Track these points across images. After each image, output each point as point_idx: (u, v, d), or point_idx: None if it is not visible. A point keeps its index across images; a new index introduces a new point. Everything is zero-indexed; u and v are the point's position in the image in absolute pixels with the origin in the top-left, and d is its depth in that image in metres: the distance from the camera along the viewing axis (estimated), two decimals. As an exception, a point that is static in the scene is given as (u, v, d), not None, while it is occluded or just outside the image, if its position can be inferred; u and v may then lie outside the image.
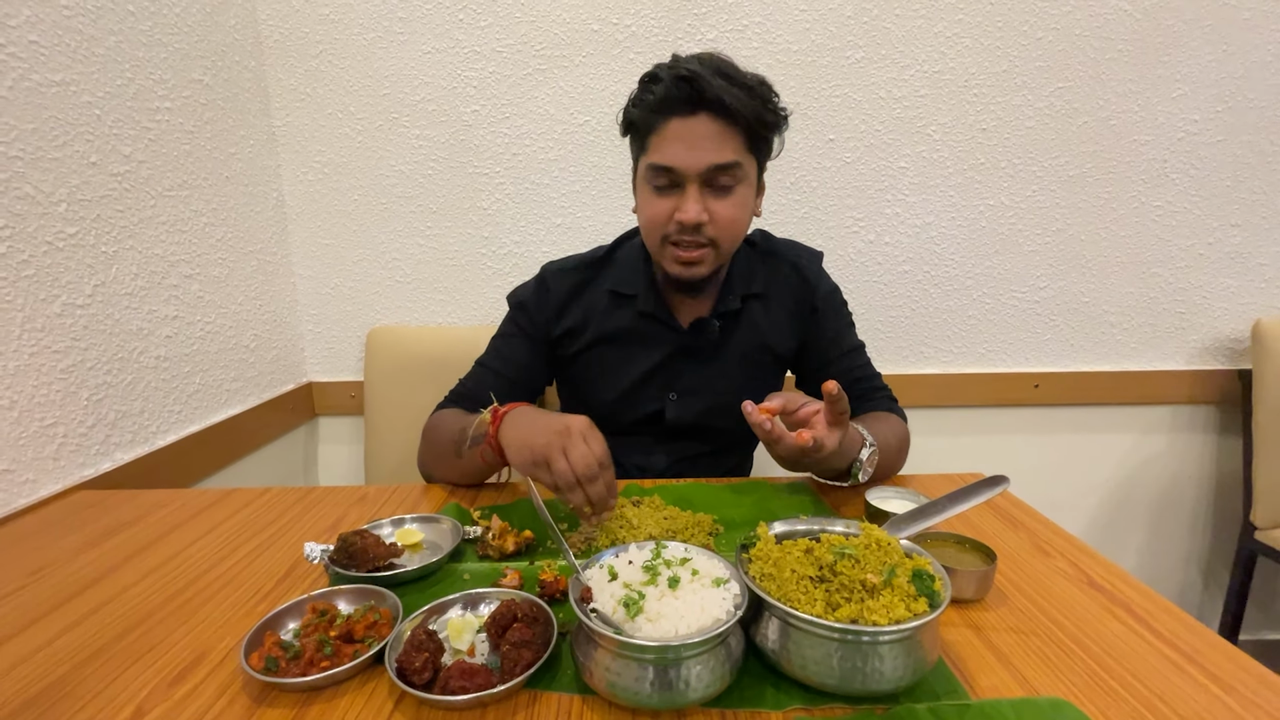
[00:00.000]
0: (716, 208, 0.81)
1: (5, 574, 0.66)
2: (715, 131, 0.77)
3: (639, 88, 0.82)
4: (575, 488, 0.65)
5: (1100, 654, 0.53)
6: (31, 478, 0.84)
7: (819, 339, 0.98)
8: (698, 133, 0.77)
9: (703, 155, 0.78)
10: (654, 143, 0.80)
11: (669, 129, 0.78)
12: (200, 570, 0.66)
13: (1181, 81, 1.37)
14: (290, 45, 1.32)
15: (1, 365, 0.80)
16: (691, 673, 0.45)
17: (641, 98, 0.81)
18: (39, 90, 0.85)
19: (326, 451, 1.54)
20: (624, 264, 0.96)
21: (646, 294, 0.93)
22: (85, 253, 0.92)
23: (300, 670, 0.49)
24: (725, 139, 0.78)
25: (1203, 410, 1.56)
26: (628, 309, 0.94)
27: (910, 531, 0.60)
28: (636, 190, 0.88)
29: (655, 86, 0.78)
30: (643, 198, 0.85)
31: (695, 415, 0.96)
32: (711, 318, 0.93)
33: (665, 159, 0.79)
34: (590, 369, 0.97)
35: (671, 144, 0.78)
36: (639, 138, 0.84)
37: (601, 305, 0.95)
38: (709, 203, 0.80)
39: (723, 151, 0.78)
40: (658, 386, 0.96)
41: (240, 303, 1.25)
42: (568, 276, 0.97)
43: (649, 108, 0.79)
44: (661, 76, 0.78)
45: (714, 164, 0.78)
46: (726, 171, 0.79)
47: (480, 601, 0.57)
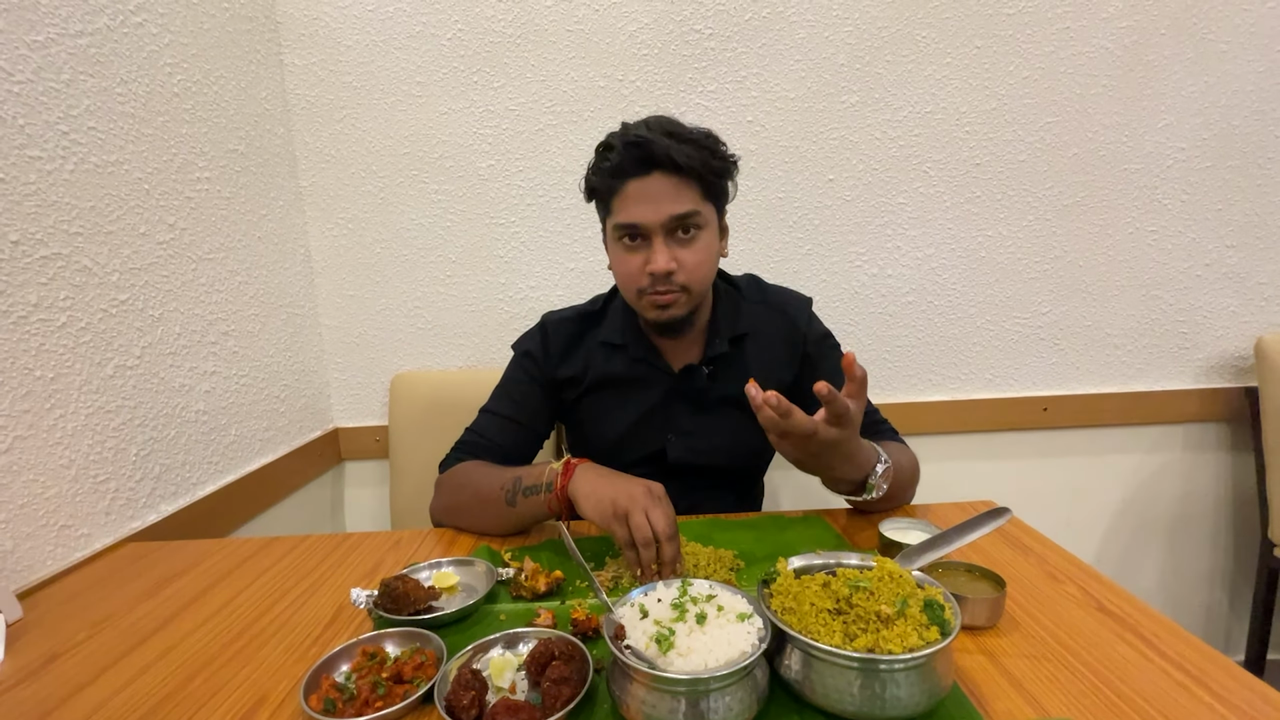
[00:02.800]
0: (683, 255, 0.86)
1: (73, 624, 0.70)
2: (670, 186, 0.83)
3: (596, 157, 0.88)
4: (651, 545, 0.70)
5: (1111, 678, 0.56)
6: (87, 531, 0.89)
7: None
8: (654, 190, 0.84)
9: (662, 208, 0.84)
10: (617, 204, 0.87)
11: (628, 190, 0.85)
12: (253, 617, 0.70)
13: (1166, 112, 1.43)
14: (316, 111, 1.40)
15: (62, 427, 0.86)
16: (721, 703, 0.48)
17: (599, 166, 0.87)
18: (96, 171, 0.92)
19: (353, 495, 1.58)
20: (614, 316, 1.02)
21: (635, 343, 0.98)
22: (135, 317, 0.98)
23: (356, 710, 0.52)
24: (681, 191, 0.84)
25: (1213, 428, 1.58)
26: (621, 356, 0.99)
27: (922, 562, 0.63)
28: (608, 250, 0.94)
29: (610, 154, 0.85)
30: (615, 256, 0.91)
31: (696, 455, 0.99)
32: (701, 364, 0.98)
33: (629, 217, 0.85)
34: (592, 411, 1.02)
35: (633, 203, 0.85)
36: (603, 202, 0.90)
37: (598, 355, 1.01)
38: (675, 252, 0.86)
39: (680, 202, 0.84)
40: (656, 428, 1.00)
41: (271, 355, 1.31)
42: (566, 326, 1.02)
43: (608, 174, 0.86)
44: (614, 144, 0.85)
45: (673, 215, 0.84)
46: (686, 220, 0.85)
47: (518, 641, 0.61)
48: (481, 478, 0.90)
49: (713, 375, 0.98)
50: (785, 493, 1.56)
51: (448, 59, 1.38)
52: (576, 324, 1.03)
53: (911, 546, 0.64)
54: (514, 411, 1.00)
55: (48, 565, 0.83)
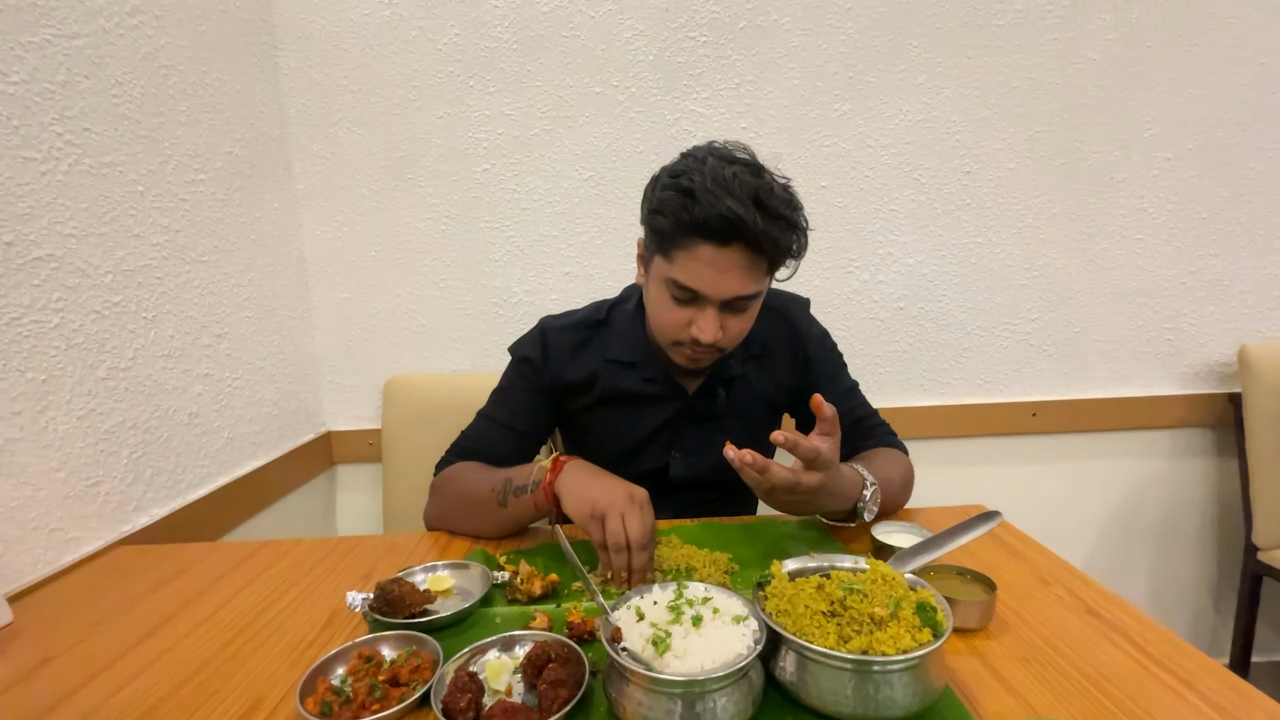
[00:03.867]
0: (730, 323, 0.83)
1: (65, 628, 0.70)
2: (745, 263, 0.77)
3: (670, 193, 0.77)
4: (623, 551, 0.70)
5: (1099, 679, 0.57)
6: (77, 535, 0.88)
7: (815, 387, 0.98)
8: (729, 263, 0.77)
9: (730, 285, 0.78)
10: (680, 258, 0.79)
11: (700, 253, 0.77)
12: (246, 621, 0.70)
13: (1153, 122, 1.46)
14: (312, 114, 1.40)
15: (54, 429, 0.85)
16: (717, 705, 0.49)
17: (673, 210, 0.77)
18: (91, 172, 0.92)
19: (345, 499, 1.57)
20: (622, 331, 0.98)
21: (647, 362, 0.96)
22: (128, 319, 0.98)
23: (353, 714, 0.52)
24: (753, 270, 0.78)
25: (1198, 433, 1.60)
26: (630, 374, 0.97)
27: (914, 565, 0.64)
28: (648, 283, 0.87)
29: (692, 205, 0.75)
30: (658, 300, 0.85)
31: (699, 472, 0.98)
32: (715, 385, 0.96)
33: (692, 282, 0.79)
34: (595, 426, 1.00)
35: (701, 269, 0.77)
36: (661, 242, 0.81)
37: (603, 369, 0.97)
38: (724, 319, 0.82)
39: (748, 284, 0.79)
40: (661, 446, 0.99)
41: (264, 358, 1.31)
42: (567, 334, 0.99)
43: (684, 227, 0.77)
44: (699, 199, 0.74)
45: (739, 295, 0.80)
46: (747, 299, 0.81)
47: (514, 644, 0.61)
48: (473, 480, 0.90)
49: (727, 397, 0.97)
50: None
51: (444, 64, 1.39)
52: (579, 332, 0.99)
53: (904, 550, 0.65)
54: (510, 419, 0.99)
55: (38, 569, 0.82)
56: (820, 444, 0.70)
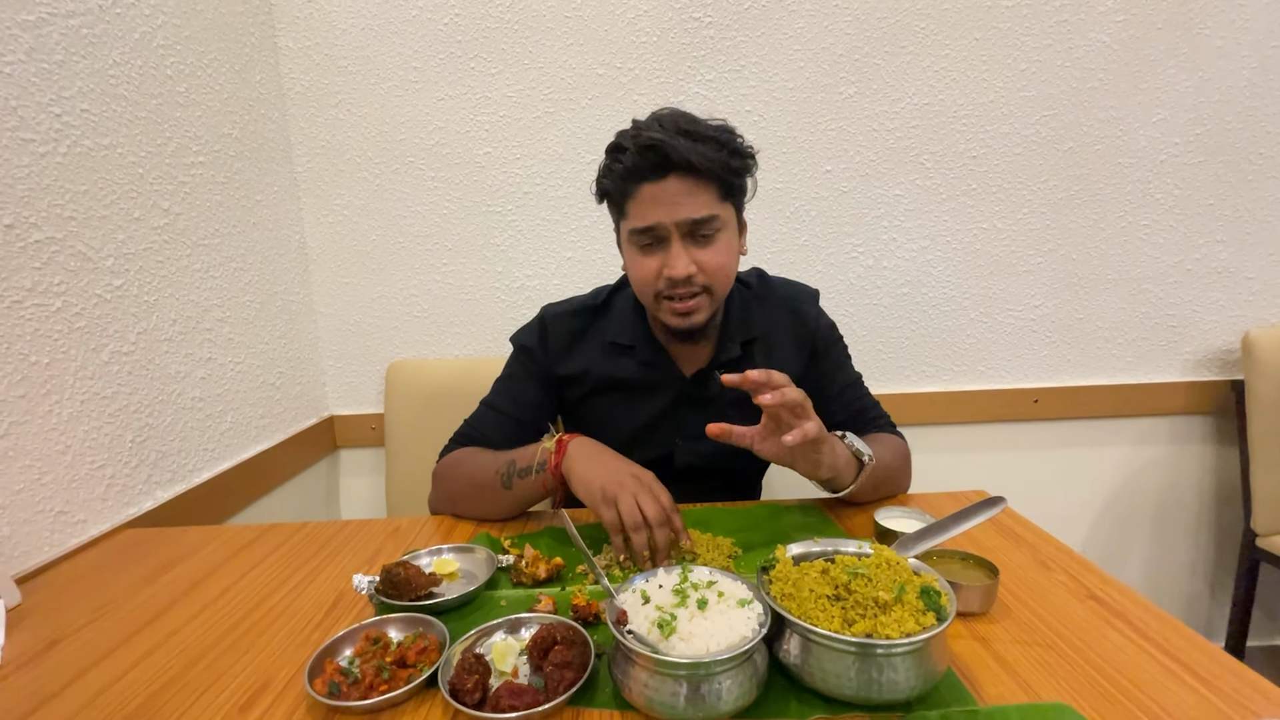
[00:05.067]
0: (702, 256, 0.83)
1: (72, 610, 0.70)
2: (687, 189, 0.80)
3: (607, 158, 0.85)
4: (641, 529, 0.71)
5: (1100, 663, 0.57)
6: (83, 518, 0.89)
7: (820, 378, 1.00)
8: (671, 192, 0.80)
9: (679, 211, 0.80)
10: (631, 208, 0.83)
11: (642, 193, 0.81)
12: (254, 603, 0.70)
13: (1160, 107, 1.44)
14: (311, 97, 1.39)
15: (58, 413, 0.85)
16: (722, 687, 0.49)
17: (610, 168, 0.84)
18: (90, 154, 0.91)
19: (348, 483, 1.58)
20: (620, 315, 0.98)
21: (644, 345, 0.96)
22: (130, 303, 0.97)
23: (361, 694, 0.53)
24: (698, 193, 0.80)
25: (1199, 420, 1.61)
26: (628, 359, 0.96)
27: (917, 550, 0.64)
28: (623, 252, 0.91)
29: (622, 156, 0.81)
30: (630, 259, 0.88)
31: (703, 459, 0.98)
32: (712, 368, 0.95)
33: (644, 220, 0.82)
34: (596, 414, 1.00)
35: (648, 206, 0.81)
36: (615, 205, 0.87)
37: (601, 355, 0.97)
38: (694, 253, 0.83)
39: (697, 206, 0.80)
40: (664, 432, 0.98)
41: (267, 342, 1.31)
42: (566, 321, 0.99)
43: (620, 177, 0.82)
44: (626, 146, 0.80)
45: (691, 219, 0.81)
46: (705, 224, 0.82)
47: (521, 626, 0.62)
48: (476, 464, 0.90)
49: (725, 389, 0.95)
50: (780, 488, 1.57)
51: (444, 44, 1.37)
52: (578, 319, 0.99)
53: (907, 535, 0.65)
54: (512, 408, 0.98)
55: (45, 551, 0.83)
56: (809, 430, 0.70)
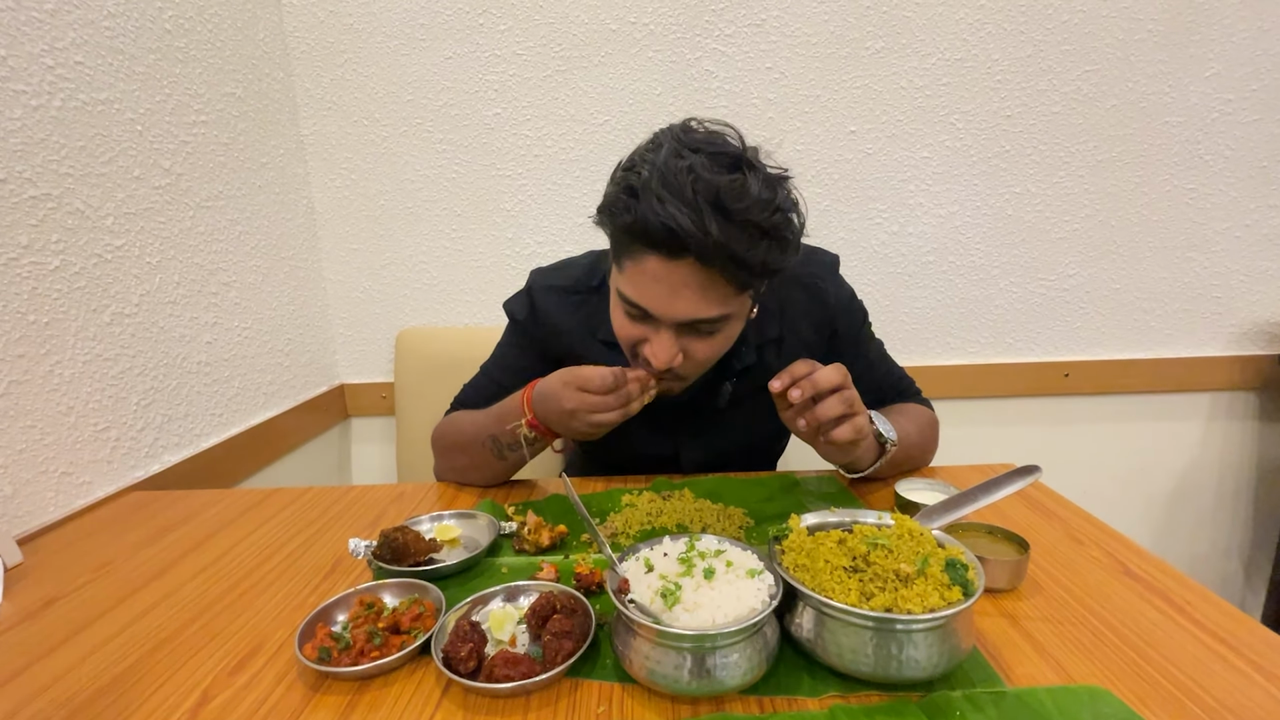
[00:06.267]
0: (694, 347, 0.70)
1: (73, 569, 0.69)
2: (701, 282, 0.63)
3: (615, 192, 0.65)
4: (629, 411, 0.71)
5: (1137, 642, 0.53)
6: (88, 480, 0.88)
7: (841, 355, 0.87)
8: (680, 280, 0.63)
9: (681, 306, 0.65)
10: (628, 268, 0.66)
11: (647, 266, 0.64)
12: (251, 566, 0.69)
13: (1214, 60, 1.34)
14: (316, 55, 1.35)
15: (59, 373, 0.84)
16: (729, 661, 0.46)
17: (615, 212, 0.65)
18: (86, 109, 0.88)
19: (359, 451, 1.58)
20: None
21: None
22: (132, 264, 0.95)
23: (352, 660, 0.51)
24: (711, 289, 0.64)
25: (1242, 396, 1.53)
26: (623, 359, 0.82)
27: (942, 522, 0.60)
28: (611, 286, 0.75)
29: (635, 207, 0.61)
30: (615, 309, 0.73)
31: (710, 455, 0.93)
32: (725, 378, 0.86)
33: (640, 299, 0.66)
34: None
35: (648, 284, 0.65)
36: (613, 247, 0.71)
37: (596, 344, 0.87)
38: (686, 343, 0.69)
39: (706, 306, 0.65)
40: (667, 432, 0.91)
41: (274, 308, 1.29)
42: (555, 298, 0.89)
43: (625, 230, 0.64)
44: (642, 198, 0.61)
45: (695, 318, 0.66)
46: (710, 323, 0.68)
47: (520, 594, 0.59)
48: (462, 434, 0.87)
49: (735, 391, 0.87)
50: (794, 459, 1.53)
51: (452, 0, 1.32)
52: (569, 297, 0.88)
53: (932, 505, 0.61)
54: (504, 377, 0.93)
55: (49, 511, 0.82)
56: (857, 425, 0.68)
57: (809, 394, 0.65)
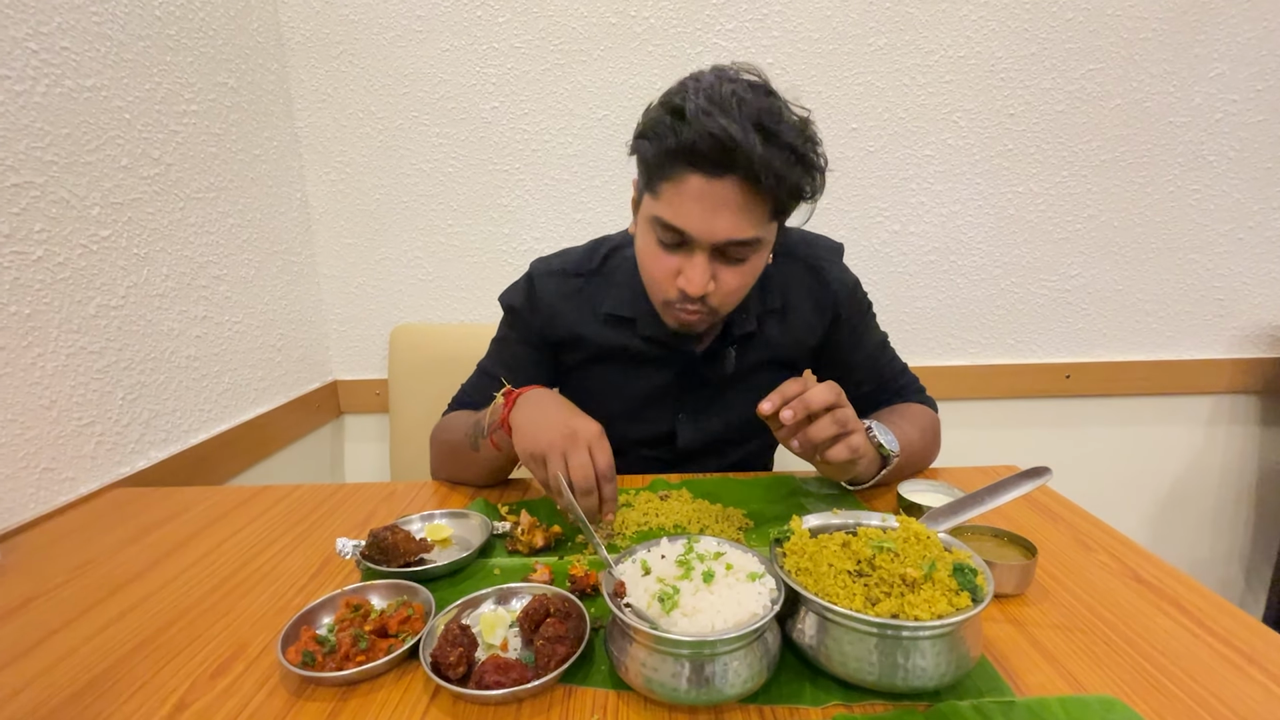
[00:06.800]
0: (724, 276, 0.72)
1: (52, 568, 0.67)
2: (740, 201, 0.65)
3: (658, 115, 0.67)
4: (564, 495, 0.62)
5: (1150, 651, 0.51)
6: (71, 475, 0.86)
7: (843, 343, 0.92)
8: (720, 199, 0.65)
9: (721, 226, 0.67)
10: (666, 192, 0.68)
11: (688, 185, 0.66)
12: (236, 565, 0.67)
13: (1219, 60, 1.33)
14: (312, 46, 1.33)
15: (41, 366, 0.82)
16: (729, 668, 0.44)
17: (659, 133, 0.66)
18: (71, 95, 0.86)
19: (353, 449, 1.55)
20: (618, 282, 0.88)
21: (647, 319, 0.85)
22: (119, 255, 0.93)
23: (336, 664, 0.49)
24: (751, 209, 0.66)
25: (1244, 400, 1.52)
26: (628, 329, 0.87)
27: (948, 525, 0.58)
28: (637, 226, 0.77)
29: (680, 126, 0.64)
30: (645, 244, 0.75)
31: (708, 435, 0.92)
32: (726, 345, 0.87)
33: (678, 220, 0.68)
34: (592, 384, 0.92)
35: (688, 205, 0.67)
36: (648, 175, 0.71)
37: (597, 322, 0.88)
38: (717, 269, 0.71)
39: (744, 226, 0.67)
40: (666, 407, 0.91)
41: (267, 303, 1.27)
42: (556, 281, 0.89)
43: (668, 151, 0.66)
44: (689, 118, 0.63)
45: (732, 239, 0.68)
46: (742, 246, 0.70)
47: (512, 596, 0.57)
48: (452, 429, 0.85)
49: (737, 353, 0.88)
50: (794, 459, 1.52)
51: (450, -10, 1.30)
52: (570, 280, 0.89)
53: (938, 507, 0.60)
54: (503, 371, 0.91)
55: (29, 508, 0.80)
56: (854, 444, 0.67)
57: (801, 414, 0.64)
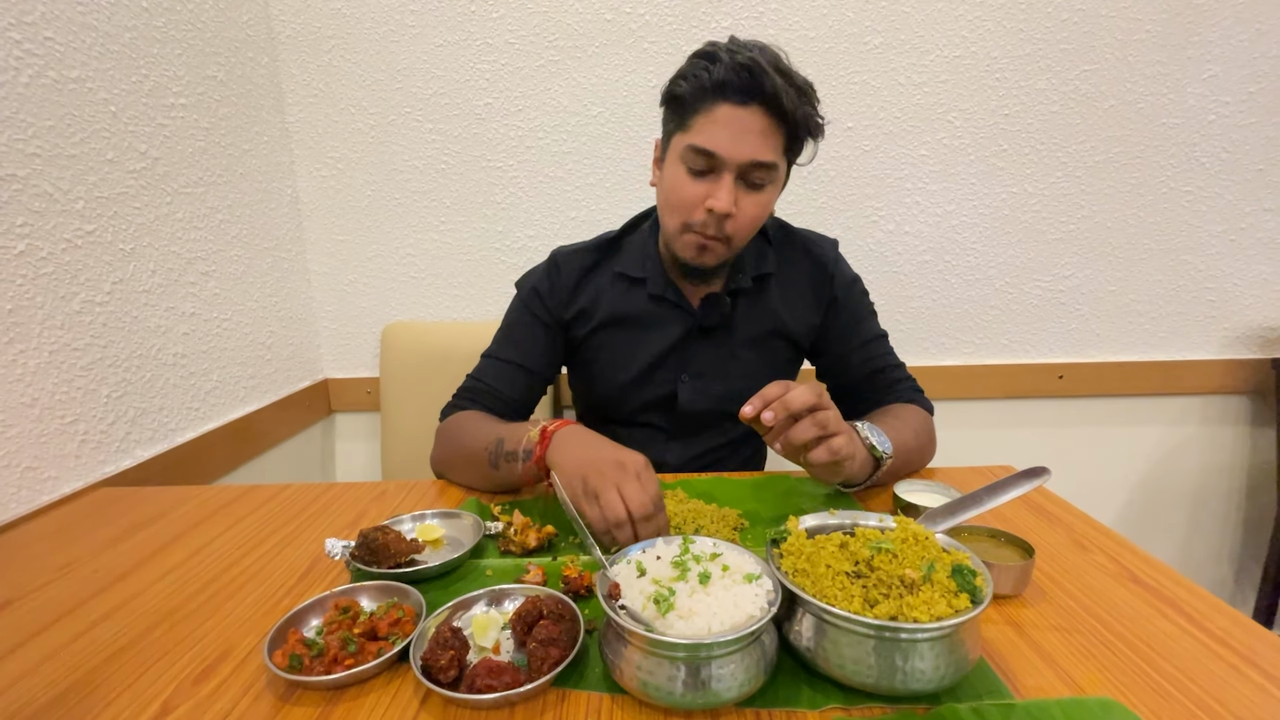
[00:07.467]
0: (745, 203, 0.80)
1: (33, 569, 0.66)
2: (763, 126, 0.76)
3: (691, 62, 0.79)
4: (625, 525, 0.62)
5: (1149, 653, 0.51)
6: (54, 474, 0.84)
7: (840, 331, 0.96)
8: (746, 124, 0.75)
9: (747, 148, 0.76)
10: (698, 123, 0.78)
11: (718, 113, 0.76)
12: (223, 567, 0.66)
13: (1213, 62, 1.33)
14: (303, 40, 1.31)
15: (23, 363, 0.80)
16: (725, 671, 0.44)
17: (694, 74, 0.77)
18: (55, 87, 0.84)
19: (343, 448, 1.54)
20: (633, 248, 0.95)
21: (656, 277, 0.92)
22: (103, 250, 0.91)
23: (325, 668, 0.48)
24: (770, 136, 0.76)
25: (1234, 401, 1.52)
26: (638, 292, 0.93)
27: (946, 525, 0.58)
28: (664, 164, 0.85)
29: (712, 66, 0.75)
30: (674, 176, 0.82)
31: (708, 400, 0.95)
32: (725, 294, 0.92)
33: (709, 143, 0.77)
34: (601, 352, 0.96)
35: (719, 129, 0.76)
36: (681, 114, 0.80)
37: (610, 288, 0.94)
38: (739, 195, 0.79)
39: (765, 149, 0.77)
40: (670, 369, 0.95)
41: (257, 299, 1.25)
42: (578, 258, 0.96)
43: (701, 85, 0.76)
44: (720, 57, 0.75)
45: (755, 160, 0.76)
46: (764, 169, 0.78)
47: (504, 598, 0.56)
48: (470, 432, 0.84)
49: (734, 309, 0.93)
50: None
51: (443, -15, 1.28)
52: (588, 255, 0.96)
53: (936, 508, 0.59)
54: (517, 355, 0.94)
55: (10, 508, 0.78)
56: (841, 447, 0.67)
57: (782, 416, 0.65)
